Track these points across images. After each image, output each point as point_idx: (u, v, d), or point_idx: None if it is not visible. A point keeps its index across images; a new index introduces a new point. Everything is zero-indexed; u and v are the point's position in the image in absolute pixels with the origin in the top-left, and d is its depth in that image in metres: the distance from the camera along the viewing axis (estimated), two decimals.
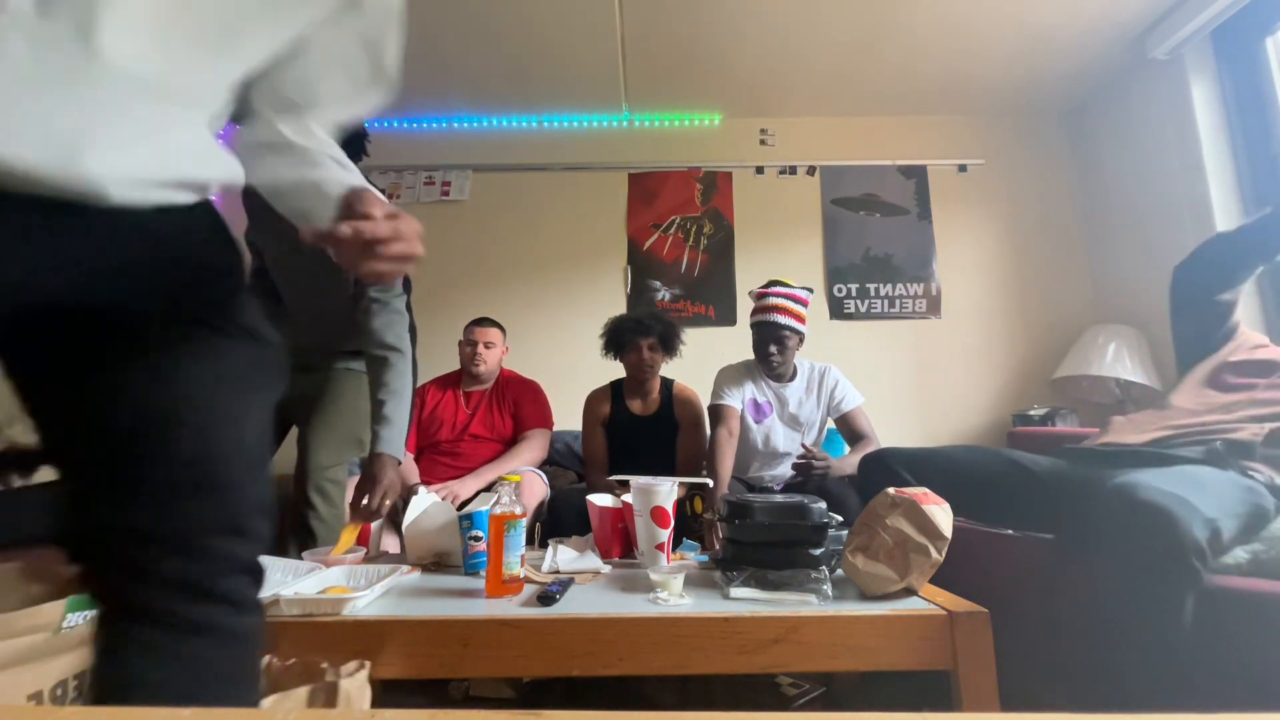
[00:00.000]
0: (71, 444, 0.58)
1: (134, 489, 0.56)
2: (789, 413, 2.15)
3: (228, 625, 0.60)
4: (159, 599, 0.57)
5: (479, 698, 1.41)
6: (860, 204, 3.15)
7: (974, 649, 0.96)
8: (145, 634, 0.57)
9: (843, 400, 2.14)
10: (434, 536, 1.38)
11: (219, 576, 0.59)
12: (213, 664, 0.59)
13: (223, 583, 0.59)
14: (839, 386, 2.16)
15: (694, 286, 3.09)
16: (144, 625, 0.57)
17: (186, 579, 0.57)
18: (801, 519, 1.13)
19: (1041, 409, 2.72)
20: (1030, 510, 1.35)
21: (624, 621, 0.99)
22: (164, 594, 0.57)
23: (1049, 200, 3.13)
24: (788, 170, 3.17)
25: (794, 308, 2.08)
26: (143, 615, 0.57)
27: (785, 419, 2.15)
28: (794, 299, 2.09)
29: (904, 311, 3.07)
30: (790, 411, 2.15)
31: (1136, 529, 0.97)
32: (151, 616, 0.57)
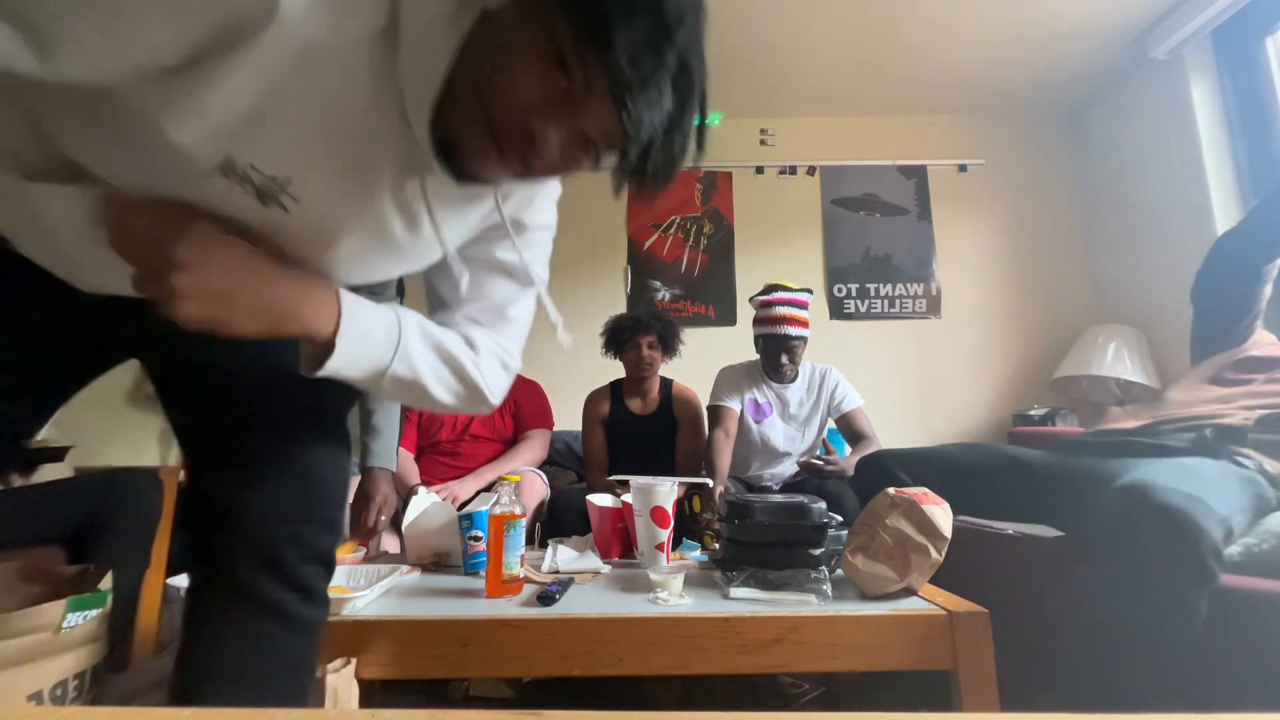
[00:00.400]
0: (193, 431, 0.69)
1: (240, 472, 0.65)
2: (789, 413, 2.15)
3: (297, 613, 0.67)
4: (248, 571, 0.64)
5: (479, 698, 1.41)
6: (860, 204, 3.15)
7: (974, 649, 0.96)
8: (229, 602, 0.64)
9: (843, 401, 2.14)
10: (434, 536, 1.38)
11: (299, 562, 0.66)
12: (278, 646, 0.66)
13: (301, 569, 0.67)
14: (839, 388, 2.16)
15: (694, 286, 3.09)
16: (229, 595, 0.64)
17: (274, 556, 0.65)
18: (801, 519, 1.13)
19: (1041, 409, 2.72)
20: (1028, 504, 1.34)
21: (624, 621, 0.99)
22: (252, 568, 0.64)
23: (1049, 200, 3.13)
24: (788, 170, 3.17)
25: (800, 315, 2.09)
26: (230, 585, 0.64)
27: (786, 419, 2.15)
28: (798, 304, 2.09)
29: (904, 311, 3.07)
30: (791, 411, 2.15)
31: (1151, 532, 0.94)
32: (236, 587, 0.64)
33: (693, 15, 0.51)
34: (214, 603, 0.65)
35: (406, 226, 0.61)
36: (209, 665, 0.64)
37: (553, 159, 0.52)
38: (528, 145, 0.51)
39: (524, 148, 0.51)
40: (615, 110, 0.50)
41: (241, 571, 0.64)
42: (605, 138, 0.53)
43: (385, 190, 0.57)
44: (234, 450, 0.66)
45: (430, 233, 0.63)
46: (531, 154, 0.51)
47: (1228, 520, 0.96)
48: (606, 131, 0.52)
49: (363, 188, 0.56)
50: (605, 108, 0.50)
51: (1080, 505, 1.19)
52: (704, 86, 0.54)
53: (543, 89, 0.50)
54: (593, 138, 0.53)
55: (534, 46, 0.49)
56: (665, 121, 0.52)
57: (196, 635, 0.65)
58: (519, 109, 0.50)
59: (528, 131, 0.50)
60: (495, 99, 0.50)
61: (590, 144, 0.53)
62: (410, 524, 1.39)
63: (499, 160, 0.52)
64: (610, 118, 0.51)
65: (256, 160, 0.50)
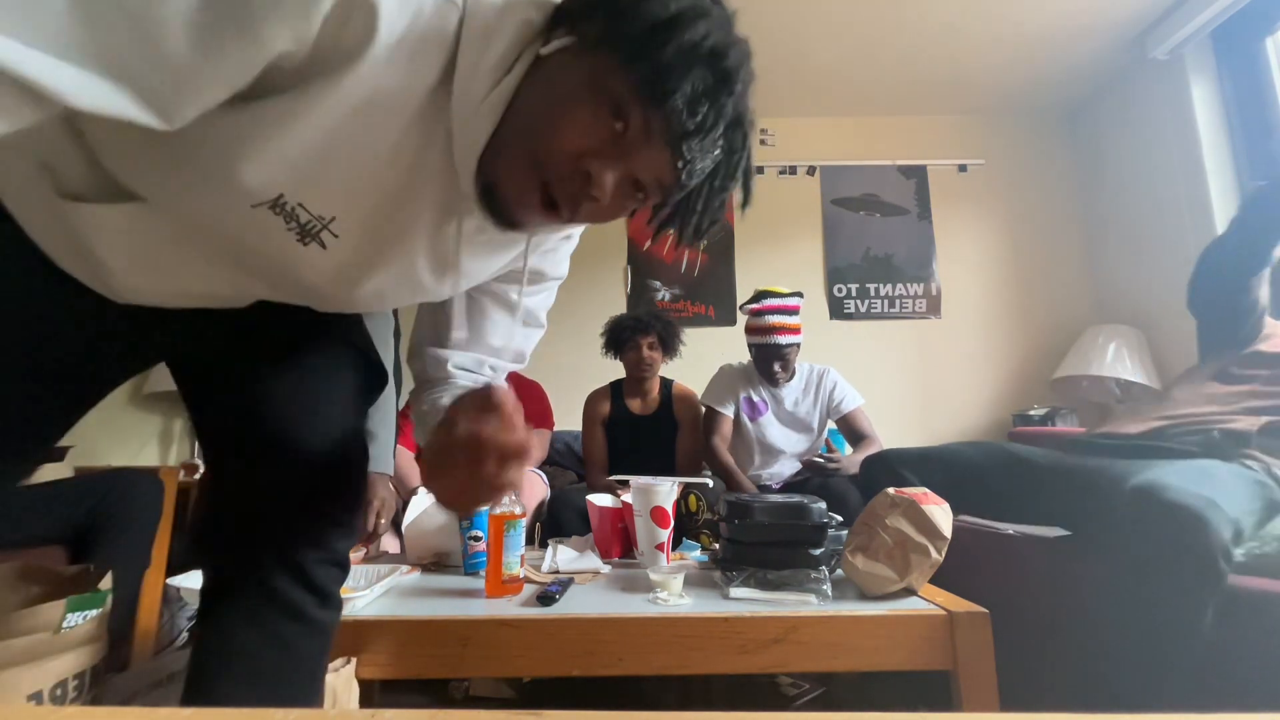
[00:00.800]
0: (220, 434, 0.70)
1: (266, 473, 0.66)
2: (786, 411, 2.15)
3: (312, 616, 0.67)
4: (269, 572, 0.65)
5: (479, 698, 1.41)
6: (860, 204, 3.15)
7: (974, 649, 0.95)
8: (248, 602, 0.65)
9: (842, 402, 2.14)
10: (434, 536, 1.38)
11: (319, 564, 0.67)
12: (293, 648, 0.66)
13: (320, 571, 0.67)
14: (838, 388, 2.16)
15: (694, 286, 3.09)
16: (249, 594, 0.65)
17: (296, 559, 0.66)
18: (801, 519, 1.13)
19: (1041, 409, 2.72)
20: (1035, 504, 1.34)
21: (623, 621, 0.99)
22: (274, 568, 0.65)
23: (1049, 200, 3.13)
24: (788, 170, 3.17)
25: (791, 322, 2.08)
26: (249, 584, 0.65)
27: (782, 418, 2.16)
28: (788, 310, 2.09)
29: (904, 311, 3.07)
30: (787, 410, 2.15)
31: (1163, 531, 0.94)
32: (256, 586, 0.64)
33: (748, 66, 0.53)
34: (234, 603, 0.65)
35: (433, 268, 0.62)
36: (226, 664, 0.64)
37: (606, 202, 0.53)
38: (582, 189, 0.51)
39: (577, 191, 0.51)
40: (671, 158, 0.51)
41: (265, 572, 0.65)
42: (657, 184, 0.54)
43: (420, 233, 0.58)
44: (261, 453, 0.67)
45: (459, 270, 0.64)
46: (586, 197, 0.52)
47: (1238, 522, 0.96)
48: (659, 178, 0.53)
49: (398, 229, 0.57)
50: (661, 154, 0.51)
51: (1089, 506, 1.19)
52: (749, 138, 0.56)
53: (599, 133, 0.50)
54: (643, 183, 0.53)
55: (590, 93, 0.50)
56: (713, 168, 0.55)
57: (214, 635, 0.65)
58: (573, 153, 0.50)
59: (583, 175, 0.50)
60: (546, 144, 0.50)
61: (640, 188, 0.54)
62: (410, 524, 1.39)
63: (543, 206, 0.53)
64: (664, 165, 0.52)
65: (306, 200, 0.51)
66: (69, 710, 0.35)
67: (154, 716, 0.36)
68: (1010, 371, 3.01)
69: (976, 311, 3.06)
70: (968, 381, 3.01)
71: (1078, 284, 3.05)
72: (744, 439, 2.16)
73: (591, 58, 0.50)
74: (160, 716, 0.36)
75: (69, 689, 0.82)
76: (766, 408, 2.16)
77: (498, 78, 0.50)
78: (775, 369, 2.09)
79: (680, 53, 0.48)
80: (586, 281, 3.02)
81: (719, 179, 0.56)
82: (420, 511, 1.40)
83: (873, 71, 2.85)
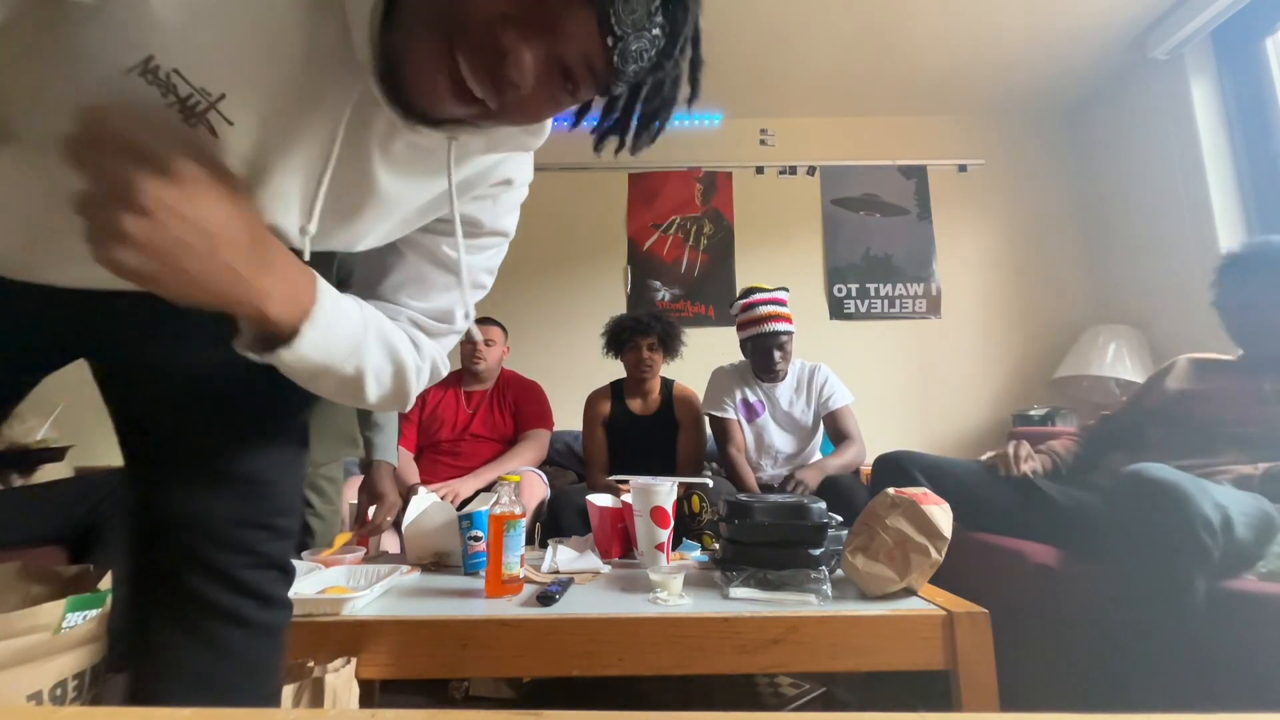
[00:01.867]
0: (132, 434, 0.64)
1: (179, 478, 0.61)
2: (781, 410, 2.15)
3: (255, 618, 0.64)
4: (194, 581, 0.61)
5: (479, 698, 1.41)
6: (860, 204, 3.15)
7: (974, 649, 0.95)
8: (179, 612, 0.61)
9: (831, 398, 2.13)
10: (434, 536, 1.38)
11: (249, 569, 0.63)
12: (238, 652, 0.63)
13: (252, 575, 0.64)
14: (828, 384, 2.16)
15: (694, 286, 3.09)
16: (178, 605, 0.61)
17: (220, 566, 0.62)
18: (801, 519, 1.13)
19: (1041, 409, 2.72)
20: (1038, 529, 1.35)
21: (623, 621, 0.99)
22: (198, 578, 0.61)
23: (1049, 200, 3.13)
24: (788, 170, 3.17)
25: (783, 311, 2.11)
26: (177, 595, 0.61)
27: (779, 418, 2.16)
28: (779, 302, 2.12)
29: (904, 311, 3.07)
30: (783, 409, 2.15)
31: (1146, 505, 1.00)
32: (185, 596, 0.61)
33: None
34: (165, 613, 0.61)
35: (351, 176, 0.52)
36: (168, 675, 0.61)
37: (527, 83, 0.44)
38: (498, 66, 0.43)
39: (493, 71, 0.43)
40: (598, 31, 0.44)
41: (189, 581, 0.61)
42: (587, 65, 0.45)
43: (324, 128, 0.49)
44: (176, 455, 0.62)
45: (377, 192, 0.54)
46: (504, 79, 0.44)
47: (1225, 509, 1.00)
48: (588, 56, 0.45)
49: (298, 123, 0.47)
50: (587, 26, 0.44)
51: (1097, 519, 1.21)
52: (698, 19, 0.48)
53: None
54: (571, 65, 0.45)
55: None
56: (654, 55, 0.46)
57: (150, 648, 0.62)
58: (486, 20, 0.42)
59: (497, 49, 0.43)
60: (457, 8, 0.42)
61: (569, 75, 0.46)
62: (410, 524, 1.39)
63: (454, 89, 0.44)
64: (592, 39, 0.44)
65: (183, 65, 0.42)
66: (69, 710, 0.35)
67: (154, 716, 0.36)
68: (1010, 371, 3.01)
69: (976, 311, 3.06)
70: (968, 381, 3.01)
71: (1078, 284, 3.06)
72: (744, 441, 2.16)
73: None
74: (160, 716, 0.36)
75: (69, 689, 0.82)
76: (763, 409, 2.16)
77: None
78: (775, 359, 2.09)
79: None
80: (586, 281, 3.02)
81: (661, 67, 0.47)
82: (420, 511, 1.40)
83: (873, 71, 2.85)
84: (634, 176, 3.16)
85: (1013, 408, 2.89)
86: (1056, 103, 3.08)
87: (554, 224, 3.07)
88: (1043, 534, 1.34)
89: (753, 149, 3.19)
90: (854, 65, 2.80)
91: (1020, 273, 3.09)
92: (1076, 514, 1.33)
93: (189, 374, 0.61)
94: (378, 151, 0.52)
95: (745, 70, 2.79)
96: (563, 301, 3.01)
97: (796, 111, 3.16)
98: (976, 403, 2.99)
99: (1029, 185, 3.14)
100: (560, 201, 3.10)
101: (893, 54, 2.73)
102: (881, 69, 2.83)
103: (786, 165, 3.17)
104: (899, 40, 2.64)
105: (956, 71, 2.84)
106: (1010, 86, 2.95)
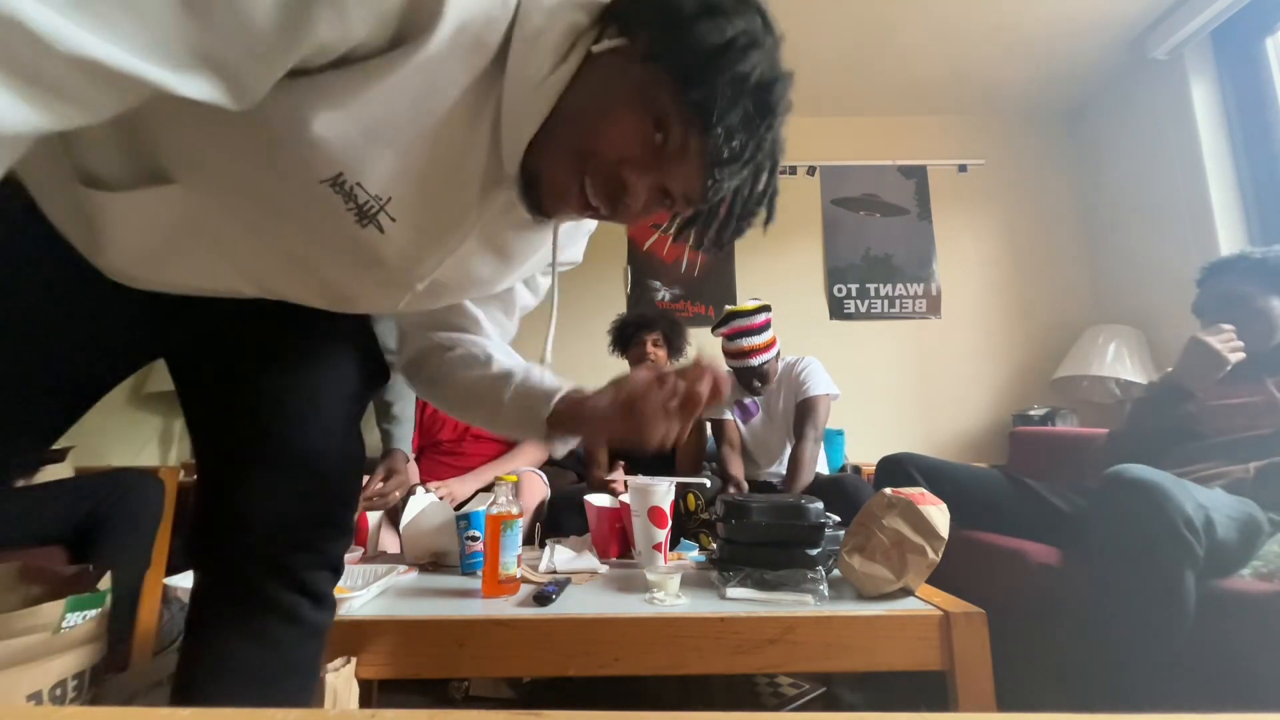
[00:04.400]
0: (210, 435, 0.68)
1: (258, 477, 0.65)
2: (774, 409, 2.15)
3: (307, 618, 0.67)
4: (260, 578, 0.64)
5: (479, 697, 1.41)
6: (860, 204, 3.15)
7: (970, 649, 0.95)
8: (239, 607, 0.64)
9: (807, 385, 2.05)
10: (432, 536, 1.38)
11: (310, 568, 0.67)
12: (288, 650, 0.66)
13: (311, 575, 0.67)
14: (806, 371, 2.08)
15: (694, 286, 3.09)
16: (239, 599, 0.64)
17: (288, 565, 0.65)
18: (798, 519, 1.13)
19: (1041, 409, 2.72)
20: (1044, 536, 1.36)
21: (620, 621, 0.99)
22: (265, 575, 0.64)
23: (1049, 200, 3.12)
24: (788, 170, 3.17)
25: (762, 340, 2.01)
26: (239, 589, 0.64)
27: (773, 416, 2.15)
28: (757, 329, 2.01)
29: (904, 311, 3.06)
30: (773, 406, 2.15)
31: (1128, 504, 1.02)
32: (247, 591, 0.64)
33: (787, 99, 0.56)
34: (224, 606, 0.65)
35: (485, 251, 0.63)
36: (219, 667, 0.63)
37: (638, 209, 0.55)
38: (617, 192, 0.53)
39: (612, 195, 0.53)
40: (703, 178, 0.53)
41: (254, 577, 0.64)
42: (685, 198, 0.56)
43: (470, 214, 0.58)
44: (250, 455, 0.66)
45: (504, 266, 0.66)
46: (620, 203, 0.54)
47: (1205, 508, 1.01)
48: (688, 193, 0.55)
49: (450, 211, 0.57)
50: (695, 173, 0.53)
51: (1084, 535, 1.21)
52: (779, 152, 0.59)
53: (640, 143, 0.52)
54: (673, 194, 0.55)
55: (639, 102, 0.51)
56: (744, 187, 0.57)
57: (205, 638, 0.65)
58: (614, 158, 0.52)
59: (619, 181, 0.53)
60: (591, 144, 0.52)
61: (668, 197, 0.56)
62: (408, 524, 1.39)
63: (581, 202, 0.54)
64: (695, 182, 0.54)
65: (364, 179, 0.51)
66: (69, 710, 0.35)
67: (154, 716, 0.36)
68: (1010, 371, 3.01)
69: (976, 311, 3.06)
70: (968, 381, 3.00)
71: (1078, 284, 3.05)
72: (742, 441, 2.16)
73: (643, 68, 0.51)
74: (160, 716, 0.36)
75: (69, 689, 0.83)
76: (757, 408, 2.16)
77: (554, 62, 0.51)
78: (756, 386, 2.07)
79: (731, 83, 0.50)
80: (586, 281, 3.02)
81: (743, 200, 0.59)
82: (418, 511, 1.40)
83: (873, 71, 2.84)
84: None
85: (1013, 408, 2.89)
86: (1056, 103, 3.07)
87: None
88: (1043, 538, 1.34)
89: None
90: (854, 65, 2.80)
91: (1020, 273, 3.08)
92: (1076, 518, 1.34)
93: (270, 382, 0.67)
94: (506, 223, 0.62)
95: None
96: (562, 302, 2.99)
97: (796, 111, 3.06)
98: (976, 403, 2.99)
99: (1029, 185, 3.14)
100: None
101: (893, 54, 2.72)
102: (881, 69, 2.83)
103: (786, 165, 3.17)
104: (899, 40, 2.63)
105: (956, 71, 2.84)
106: (1010, 86, 2.95)
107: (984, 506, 1.43)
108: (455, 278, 0.64)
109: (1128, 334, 2.63)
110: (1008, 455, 2.16)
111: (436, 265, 0.61)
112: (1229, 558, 1.04)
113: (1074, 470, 1.71)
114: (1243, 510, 1.08)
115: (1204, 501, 1.01)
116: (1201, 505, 1.00)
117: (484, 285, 0.69)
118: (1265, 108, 2.32)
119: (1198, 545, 0.96)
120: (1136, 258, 2.77)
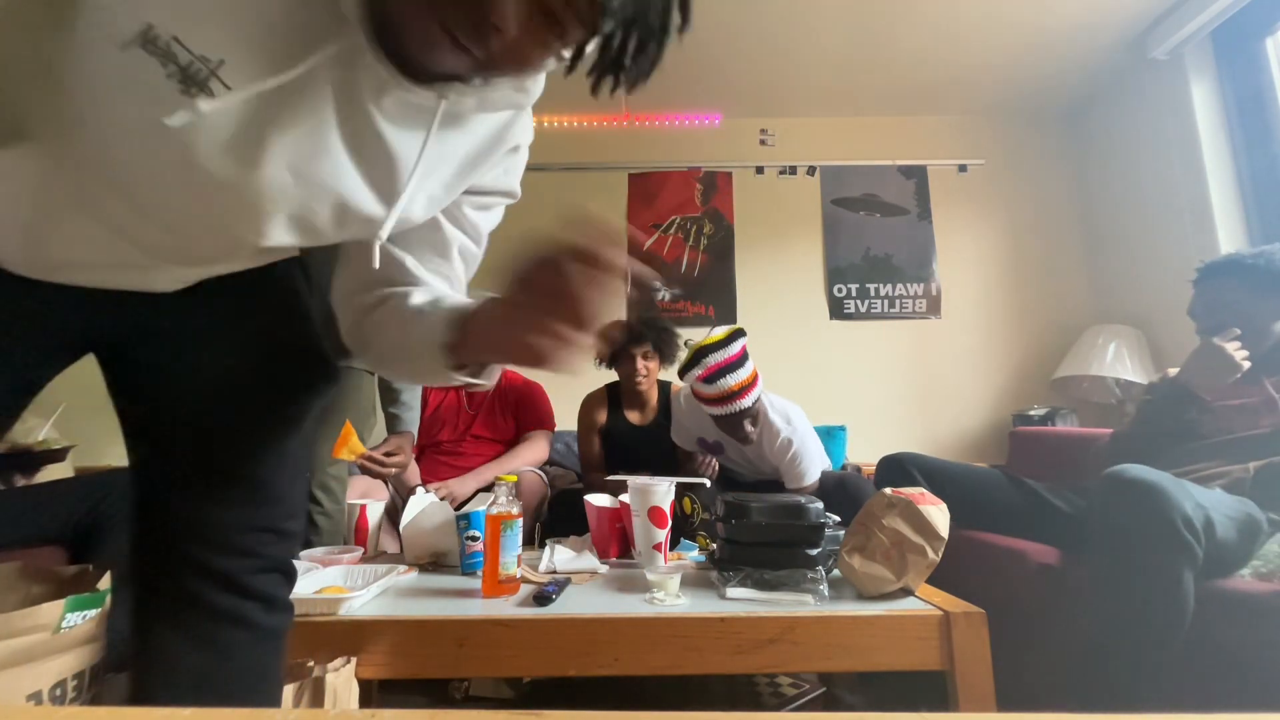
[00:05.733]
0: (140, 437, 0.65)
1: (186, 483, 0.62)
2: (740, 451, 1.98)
3: (259, 620, 0.64)
4: (197, 585, 0.61)
5: (479, 697, 1.41)
6: (860, 204, 3.15)
7: (970, 649, 0.96)
8: (182, 616, 0.62)
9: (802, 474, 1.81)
10: (431, 536, 1.38)
11: (253, 573, 0.64)
12: (241, 655, 0.64)
13: (256, 579, 0.64)
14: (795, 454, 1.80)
15: (694, 286, 3.09)
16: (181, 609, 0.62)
17: (224, 571, 0.62)
18: (798, 519, 1.13)
19: (1041, 409, 2.72)
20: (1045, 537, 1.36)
21: (620, 621, 0.99)
22: (202, 582, 0.61)
23: (1049, 200, 3.12)
24: (788, 170, 3.17)
25: (744, 376, 1.72)
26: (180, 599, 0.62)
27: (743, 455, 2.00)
28: (736, 361, 1.72)
29: (904, 311, 3.06)
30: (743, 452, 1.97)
31: (1127, 504, 1.02)
32: (188, 600, 0.61)
33: None
34: (167, 617, 0.62)
35: (351, 141, 0.50)
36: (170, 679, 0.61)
37: (511, 28, 0.44)
38: (483, 16, 0.43)
39: (479, 19, 0.43)
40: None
41: (192, 585, 0.61)
42: (571, 11, 0.45)
43: (324, 91, 0.48)
44: (184, 460, 0.62)
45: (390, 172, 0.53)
46: (486, 26, 0.43)
47: (1204, 508, 1.01)
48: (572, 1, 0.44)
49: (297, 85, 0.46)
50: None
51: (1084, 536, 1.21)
52: None
53: None
54: (555, 10, 0.45)
55: None
56: None
57: (151, 651, 0.62)
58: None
59: None
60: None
61: (554, 21, 0.45)
62: (408, 524, 1.39)
63: (449, 41, 0.44)
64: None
65: (183, 32, 0.42)
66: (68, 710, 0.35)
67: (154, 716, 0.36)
68: (1010, 371, 3.01)
69: (976, 311, 3.06)
70: (968, 381, 3.00)
71: (1078, 284, 3.05)
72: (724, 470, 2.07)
73: None
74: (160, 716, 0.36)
75: (68, 689, 0.83)
76: (723, 447, 2.00)
77: None
78: (747, 430, 1.79)
79: None
80: None
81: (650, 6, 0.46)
82: (418, 511, 1.40)
83: (873, 71, 2.85)
84: (634, 176, 3.16)
85: (1013, 408, 2.89)
86: (1056, 103, 3.07)
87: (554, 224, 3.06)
88: (1043, 538, 1.34)
89: (753, 149, 3.19)
90: (854, 65, 2.80)
91: (1020, 273, 3.08)
92: (1076, 519, 1.34)
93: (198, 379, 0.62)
94: (375, 110, 0.50)
95: (745, 70, 2.79)
96: None
97: (796, 111, 3.16)
98: (976, 403, 2.99)
99: (1029, 185, 3.14)
100: (560, 201, 3.10)
101: (893, 54, 2.72)
102: (881, 69, 2.83)
103: (786, 165, 3.17)
104: (899, 40, 2.63)
105: (956, 71, 2.84)
106: (1010, 86, 2.95)
107: (984, 506, 1.43)
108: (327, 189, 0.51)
109: (1128, 334, 2.63)
110: (1008, 455, 2.16)
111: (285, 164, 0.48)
112: (1228, 558, 1.04)
113: (1074, 470, 1.71)
114: (1242, 510, 1.08)
115: (1203, 501, 1.01)
116: (1201, 505, 1.00)
117: (369, 202, 0.53)
118: (1265, 108, 2.32)
119: (1197, 545, 0.96)
120: (1136, 258, 2.77)
